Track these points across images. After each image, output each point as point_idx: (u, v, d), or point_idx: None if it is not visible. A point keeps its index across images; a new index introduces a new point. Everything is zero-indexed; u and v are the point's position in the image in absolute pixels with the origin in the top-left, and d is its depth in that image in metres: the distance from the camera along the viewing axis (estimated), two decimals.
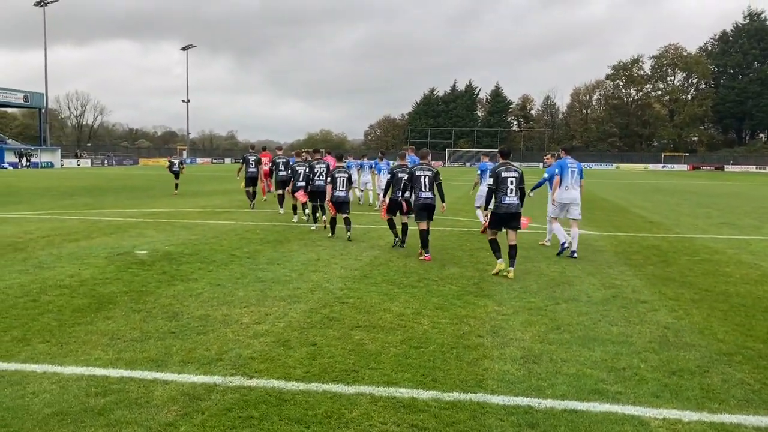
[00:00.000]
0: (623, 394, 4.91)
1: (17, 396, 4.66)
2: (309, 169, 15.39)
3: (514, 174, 9.81)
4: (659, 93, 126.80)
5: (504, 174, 9.80)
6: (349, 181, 13.86)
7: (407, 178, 11.63)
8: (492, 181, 9.87)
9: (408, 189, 11.62)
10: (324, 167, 15.04)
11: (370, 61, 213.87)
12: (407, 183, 11.61)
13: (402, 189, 11.81)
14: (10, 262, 10.11)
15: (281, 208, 18.86)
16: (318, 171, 15.00)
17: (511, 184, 9.76)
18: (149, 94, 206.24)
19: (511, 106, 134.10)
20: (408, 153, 17.03)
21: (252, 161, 20.65)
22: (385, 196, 12.54)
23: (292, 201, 17.04)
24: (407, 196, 11.81)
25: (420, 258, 11.05)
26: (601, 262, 11.00)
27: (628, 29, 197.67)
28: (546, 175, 12.67)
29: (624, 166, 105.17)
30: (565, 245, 11.68)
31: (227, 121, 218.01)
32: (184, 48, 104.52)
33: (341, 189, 13.51)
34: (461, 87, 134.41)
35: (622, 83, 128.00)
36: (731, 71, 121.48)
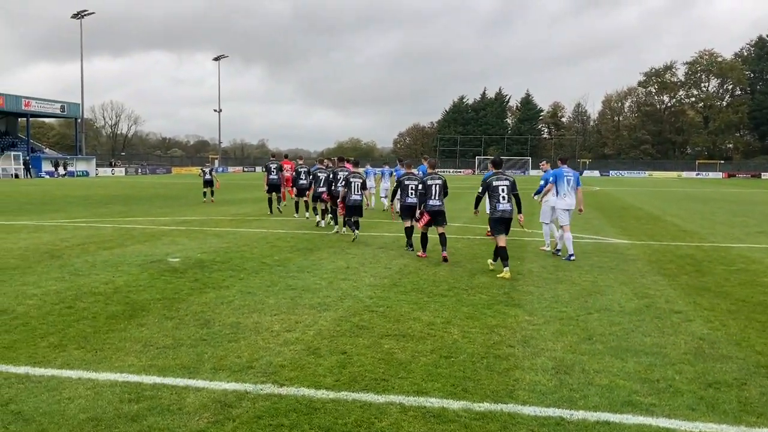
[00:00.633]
0: (657, 406, 4.82)
1: (53, 401, 4.75)
2: (332, 176, 15.99)
3: (505, 182, 10.49)
4: (693, 99, 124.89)
5: (495, 183, 10.50)
6: (363, 186, 14.58)
7: (421, 187, 12.08)
8: (481, 190, 10.67)
9: (421, 197, 12.03)
10: (347, 176, 15.18)
11: (400, 70, 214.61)
12: (422, 192, 12.01)
13: (418, 197, 12.17)
14: (47, 269, 10.32)
15: (296, 213, 19.88)
16: (340, 178, 15.50)
17: (503, 191, 10.42)
18: (183, 104, 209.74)
19: (542, 113, 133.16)
20: (422, 162, 17.38)
21: (273, 168, 21.67)
22: (392, 201, 12.91)
23: (320, 206, 17.51)
24: (411, 201, 12.59)
25: (418, 254, 12.14)
26: (634, 271, 10.85)
27: (660, 36, 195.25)
28: (542, 182, 13.36)
29: (657, 173, 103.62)
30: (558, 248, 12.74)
31: (259, 130, 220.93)
32: (216, 58, 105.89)
33: (356, 193, 14.29)
34: (491, 94, 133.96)
35: (654, 90, 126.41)
36: None
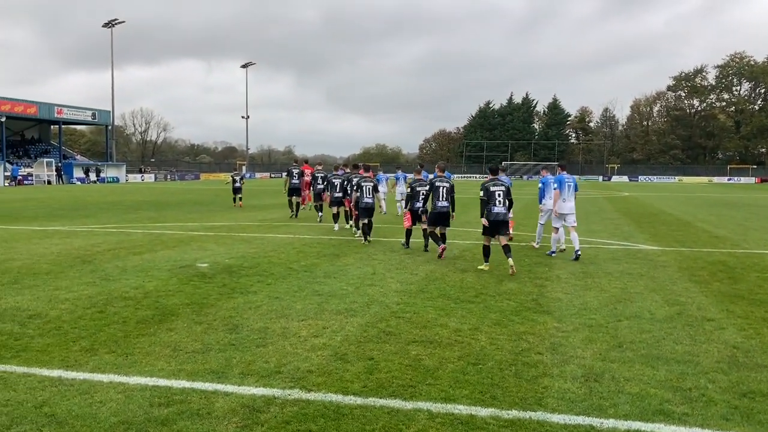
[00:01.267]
0: (690, 415, 4.74)
1: (85, 404, 4.81)
2: (347, 182, 16.73)
3: (501, 188, 11.53)
4: (724, 103, 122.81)
5: (492, 188, 11.49)
6: (375, 190, 15.48)
7: (428, 188, 13.25)
8: (482, 194, 11.53)
9: (428, 199, 13.08)
10: (359, 180, 15.71)
11: (426, 76, 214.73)
12: (427, 193, 13.21)
13: (424, 200, 13.32)
14: (78, 273, 10.49)
15: (320, 215, 20.69)
16: (354, 182, 15.99)
17: (499, 196, 11.44)
18: (212, 111, 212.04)
19: (569, 118, 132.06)
20: (435, 170, 18.11)
21: (295, 173, 22.82)
22: (406, 207, 14.03)
23: (332, 211, 18.26)
24: (419, 206, 13.54)
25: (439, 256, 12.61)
26: (664, 278, 10.69)
27: (690, 40, 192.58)
28: (540, 185, 14.50)
29: (687, 179, 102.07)
30: (554, 253, 13.29)
31: (286, 137, 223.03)
32: (244, 65, 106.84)
33: (368, 196, 15.07)
34: (518, 99, 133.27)
35: (684, 94, 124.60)
36: None
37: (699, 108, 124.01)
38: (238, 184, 28.52)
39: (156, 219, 21.83)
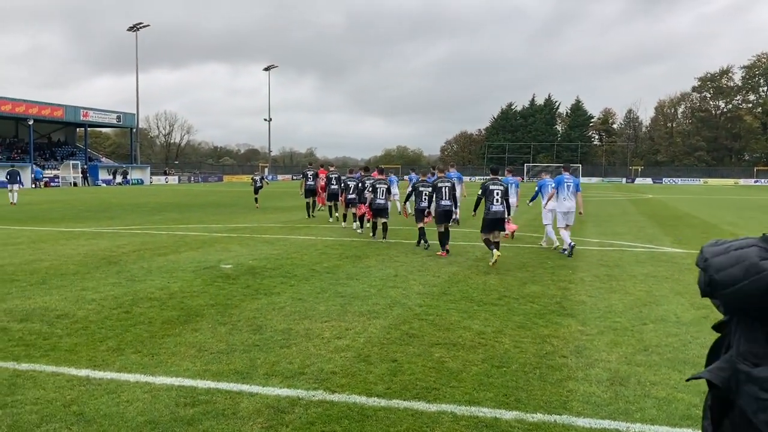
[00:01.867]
0: None
1: (113, 404, 4.87)
2: (361, 184, 17.26)
3: (500, 187, 12.23)
4: (750, 105, 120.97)
5: (491, 187, 12.21)
6: (389, 191, 16.17)
7: (431, 189, 13.96)
8: (481, 192, 12.31)
9: (432, 199, 13.81)
10: (373, 183, 16.42)
11: (449, 78, 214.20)
12: (431, 194, 13.92)
13: (428, 200, 14.09)
14: (105, 274, 10.62)
15: (331, 217, 21.77)
16: (368, 185, 16.61)
17: (498, 195, 12.12)
18: (236, 113, 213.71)
19: (592, 120, 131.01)
20: (449, 169, 20.05)
21: (310, 175, 23.72)
22: (406, 203, 15.06)
23: (343, 211, 19.50)
24: (424, 205, 14.28)
25: (437, 254, 13.19)
26: (690, 281, 10.55)
27: (715, 40, 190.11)
28: (537, 188, 15.40)
29: (712, 181, 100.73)
30: (564, 248, 13.70)
31: (308, 139, 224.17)
32: (266, 68, 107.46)
33: (381, 198, 15.75)
34: (540, 101, 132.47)
35: (709, 95, 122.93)
36: None
37: (725, 109, 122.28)
38: (259, 184, 29.39)
39: (180, 220, 22.04)
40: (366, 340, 6.72)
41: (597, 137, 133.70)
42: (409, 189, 14.81)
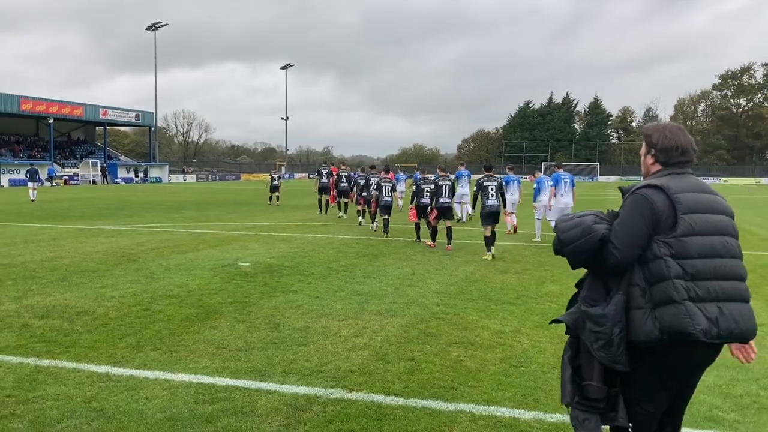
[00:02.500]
0: (741, 423, 4.62)
1: (132, 400, 4.91)
2: (366, 182, 18.73)
3: (493, 183, 13.31)
4: None
5: (485, 183, 13.27)
6: (393, 189, 17.40)
7: (433, 187, 14.65)
8: (476, 189, 13.38)
9: (434, 196, 14.57)
10: (379, 181, 17.59)
11: (466, 77, 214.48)
12: (434, 191, 14.56)
13: (430, 197, 14.79)
14: (124, 272, 10.70)
15: (340, 213, 22.76)
16: (373, 183, 17.91)
17: (491, 190, 13.20)
18: (254, 112, 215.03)
19: (611, 118, 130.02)
20: (460, 167, 21.66)
21: (324, 173, 24.83)
22: (411, 203, 15.65)
23: (357, 207, 20.28)
24: (424, 201, 15.08)
25: (427, 243, 14.43)
26: None
27: (736, 38, 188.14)
28: (535, 185, 16.51)
29: (733, 180, 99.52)
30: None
31: (325, 138, 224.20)
32: (283, 67, 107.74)
33: (387, 195, 16.87)
34: (558, 99, 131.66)
35: (730, 93, 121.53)
36: None
37: (746, 107, 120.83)
38: (275, 182, 29.80)
39: (198, 218, 22.17)
40: (383, 338, 6.71)
41: (615, 135, 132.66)
42: (413, 188, 15.79)
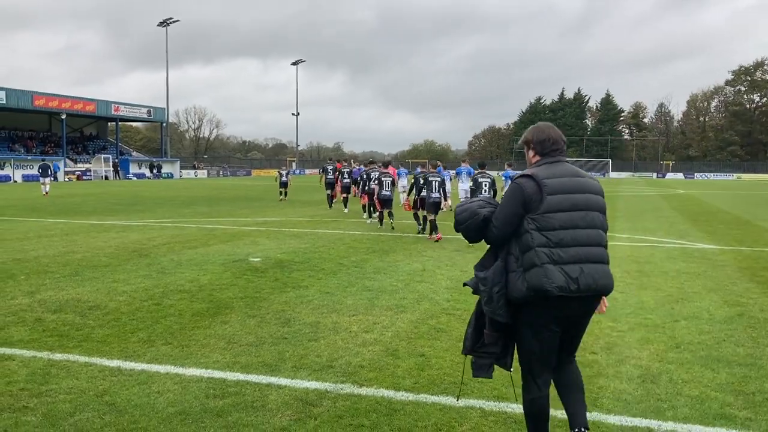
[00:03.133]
0: (753, 420, 4.58)
1: (144, 394, 4.93)
2: (367, 177, 19.51)
3: (487, 179, 14.70)
4: None
5: (480, 179, 14.73)
6: (393, 184, 17.95)
7: (422, 181, 15.72)
8: (473, 184, 14.81)
9: (422, 190, 15.57)
10: (379, 176, 18.25)
11: (478, 73, 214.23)
12: (423, 185, 15.66)
13: (418, 191, 15.94)
14: (135, 267, 10.76)
15: (345, 208, 23.57)
16: (373, 178, 18.51)
17: (486, 186, 14.56)
18: (265, 108, 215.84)
19: (623, 114, 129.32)
20: (462, 163, 22.15)
21: (330, 170, 25.83)
22: (408, 195, 16.85)
23: (361, 202, 21.20)
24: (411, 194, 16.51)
25: (429, 238, 14.86)
26: (723, 278, 10.37)
27: (749, 34, 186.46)
28: (503, 179, 17.54)
29: (746, 176, 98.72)
30: None
31: (336, 134, 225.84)
32: (294, 63, 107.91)
33: (387, 190, 17.50)
34: (569, 95, 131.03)
35: (744, 89, 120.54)
36: None
37: (759, 103, 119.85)
38: (284, 178, 30.38)
39: (209, 214, 22.25)
40: (394, 334, 6.71)
41: (627, 131, 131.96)
42: (412, 182, 16.85)
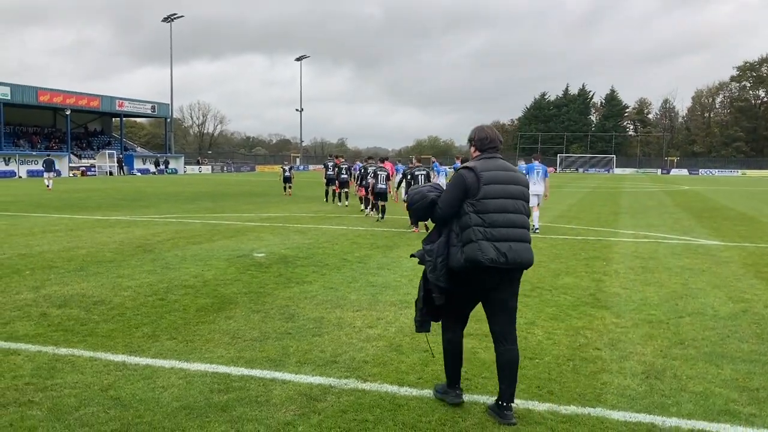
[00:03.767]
0: (758, 416, 4.58)
1: (148, 389, 4.95)
2: (363, 171, 20.30)
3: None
4: None
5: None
6: (387, 178, 18.54)
7: (409, 177, 16.53)
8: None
9: (410, 184, 16.18)
10: (375, 170, 19.07)
11: (483, 69, 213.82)
12: (410, 180, 16.41)
13: (407, 186, 16.45)
14: (140, 262, 10.79)
15: (339, 202, 24.93)
16: (370, 172, 19.22)
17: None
18: (271, 104, 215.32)
19: (627, 110, 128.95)
20: (456, 160, 22.58)
21: (330, 166, 26.59)
22: (397, 191, 18.19)
23: (359, 196, 21.66)
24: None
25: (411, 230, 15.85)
26: (728, 274, 10.35)
27: (755, 30, 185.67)
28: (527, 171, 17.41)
29: (751, 172, 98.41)
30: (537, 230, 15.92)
31: (341, 129, 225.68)
32: (298, 58, 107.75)
33: (381, 183, 18.16)
34: (574, 91, 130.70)
35: (749, 84, 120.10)
36: None
37: (765, 99, 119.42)
38: (288, 173, 30.76)
39: (213, 209, 22.28)
40: (397, 329, 6.72)
41: (632, 127, 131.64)
42: (400, 177, 17.73)
